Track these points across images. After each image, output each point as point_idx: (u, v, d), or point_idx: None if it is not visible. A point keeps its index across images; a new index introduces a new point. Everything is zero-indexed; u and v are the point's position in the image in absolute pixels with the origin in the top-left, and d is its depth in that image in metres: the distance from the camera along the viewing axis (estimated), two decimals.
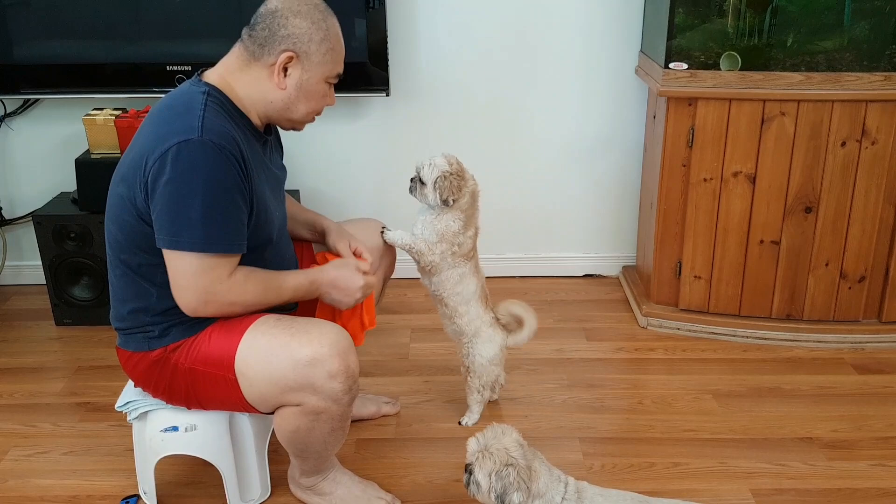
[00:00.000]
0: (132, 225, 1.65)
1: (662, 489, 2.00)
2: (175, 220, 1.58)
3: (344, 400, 1.69)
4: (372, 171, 3.01)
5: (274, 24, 1.65)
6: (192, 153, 1.56)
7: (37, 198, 2.95)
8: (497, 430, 1.64)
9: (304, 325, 1.70)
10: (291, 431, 1.75)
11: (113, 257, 1.74)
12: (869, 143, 2.46)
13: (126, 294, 1.74)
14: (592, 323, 2.84)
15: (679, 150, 2.58)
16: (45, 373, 2.56)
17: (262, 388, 1.70)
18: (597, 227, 3.12)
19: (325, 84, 1.74)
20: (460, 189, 2.03)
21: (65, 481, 2.07)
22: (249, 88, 1.70)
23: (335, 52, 1.72)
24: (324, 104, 1.78)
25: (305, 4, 1.67)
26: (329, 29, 1.69)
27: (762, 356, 2.61)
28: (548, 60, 2.88)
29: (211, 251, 1.60)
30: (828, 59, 2.46)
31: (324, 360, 1.65)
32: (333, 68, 1.73)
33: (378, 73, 2.73)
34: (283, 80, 1.69)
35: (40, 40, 2.73)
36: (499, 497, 1.58)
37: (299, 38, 1.66)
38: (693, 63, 2.49)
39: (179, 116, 1.61)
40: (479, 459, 1.60)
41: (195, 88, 1.68)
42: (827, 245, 2.58)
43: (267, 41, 1.66)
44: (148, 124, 1.68)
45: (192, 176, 1.56)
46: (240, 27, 1.72)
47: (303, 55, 1.67)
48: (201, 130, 1.57)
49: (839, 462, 2.11)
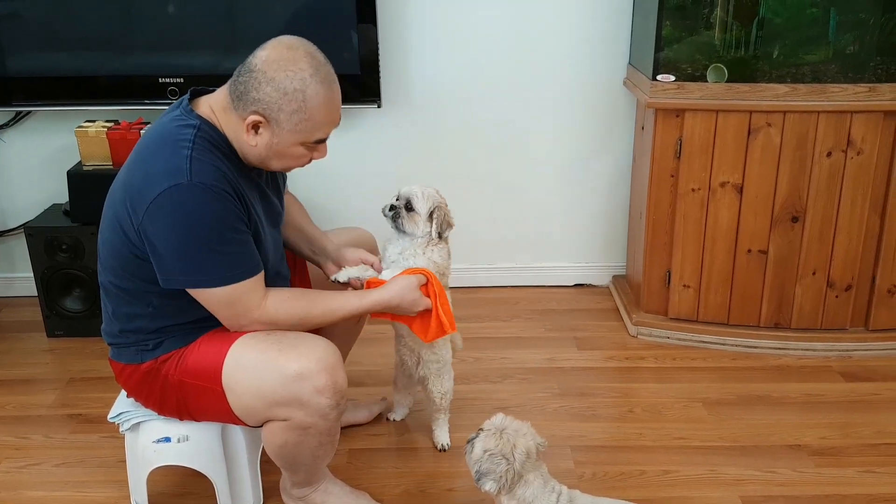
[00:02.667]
0: (125, 256, 1.66)
1: (653, 497, 2.02)
2: (187, 264, 1.60)
3: (331, 415, 1.69)
4: (363, 182, 3.02)
5: (250, 83, 1.59)
6: (183, 198, 1.55)
7: (29, 209, 2.95)
8: (524, 428, 1.67)
9: (292, 340, 1.70)
10: (279, 446, 1.75)
11: (105, 280, 1.74)
12: (854, 154, 2.49)
13: (118, 315, 1.75)
14: (583, 332, 2.86)
15: (667, 160, 2.60)
16: (37, 384, 2.55)
17: (248, 402, 1.70)
18: (587, 237, 3.14)
19: (302, 147, 1.67)
20: (451, 222, 2.03)
21: (57, 493, 2.06)
22: (231, 131, 1.66)
23: (312, 122, 1.62)
24: (305, 162, 1.71)
25: (286, 70, 1.58)
26: (307, 100, 1.59)
27: (751, 364, 2.63)
28: (537, 71, 2.90)
29: (232, 282, 1.63)
30: (813, 70, 2.49)
31: (311, 375, 1.65)
32: (310, 135, 1.65)
33: (369, 84, 2.74)
34: (252, 137, 1.63)
35: (32, 52, 2.74)
36: (477, 473, 1.64)
37: (269, 104, 1.59)
38: (680, 75, 2.52)
39: (166, 155, 1.59)
40: (490, 434, 1.65)
41: (184, 121, 1.64)
42: (814, 254, 2.61)
43: (242, 96, 1.60)
44: (137, 155, 1.66)
45: (189, 221, 1.57)
46: (231, 41, 1.72)
47: (272, 121, 1.61)
48: (190, 173, 1.55)
49: (828, 469, 2.12)
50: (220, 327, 1.74)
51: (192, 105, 1.68)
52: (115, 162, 2.67)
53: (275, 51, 1.60)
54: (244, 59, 1.64)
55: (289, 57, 1.59)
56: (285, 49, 1.61)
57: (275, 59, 1.59)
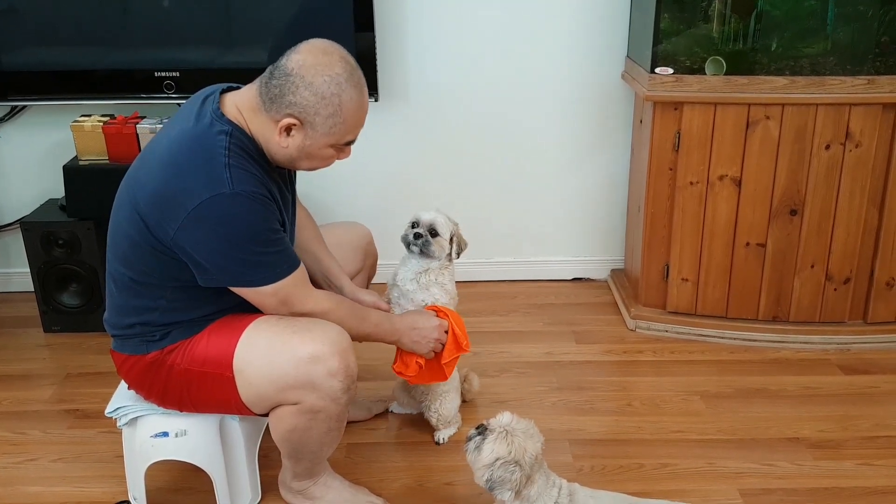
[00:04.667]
0: (145, 249, 1.65)
1: (651, 490, 2.01)
2: (234, 268, 1.63)
3: (342, 399, 1.71)
4: (361, 177, 3.01)
5: (286, 87, 1.60)
6: (226, 207, 1.57)
7: (25, 204, 2.94)
8: (533, 430, 1.64)
9: (305, 324, 1.72)
10: (288, 431, 1.75)
11: (116, 270, 1.73)
12: (853, 146, 2.49)
13: (127, 308, 1.74)
14: (581, 326, 2.85)
15: (665, 154, 2.60)
16: (34, 380, 2.55)
17: (260, 386, 1.70)
18: (585, 230, 3.14)
19: (332, 149, 1.70)
20: (465, 242, 2.11)
21: (54, 488, 2.06)
22: (259, 132, 1.67)
23: (346, 125, 1.66)
24: (330, 163, 1.75)
25: (324, 75, 1.60)
26: (343, 104, 1.62)
27: (749, 357, 2.63)
28: (535, 65, 2.90)
29: (280, 279, 1.67)
30: (811, 63, 2.48)
31: (325, 357, 1.67)
32: (342, 138, 1.68)
33: (367, 78, 2.73)
34: (284, 139, 1.64)
35: (28, 47, 2.72)
36: (489, 482, 1.59)
37: (305, 108, 1.61)
38: (679, 68, 2.51)
39: (205, 164, 1.59)
40: (500, 435, 1.60)
41: (217, 127, 1.63)
42: (812, 247, 2.60)
43: (276, 99, 1.61)
44: (168, 161, 1.62)
45: (233, 229, 1.59)
46: (228, 34, 1.72)
47: (307, 124, 1.63)
48: (231, 183, 1.57)
49: (826, 462, 2.13)
50: (227, 316, 1.74)
51: (221, 106, 1.67)
52: (111, 157, 2.66)
53: (311, 55, 1.62)
54: (240, 53, 1.64)
55: (325, 62, 1.61)
56: (321, 54, 1.62)
57: (312, 63, 1.61)
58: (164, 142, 1.67)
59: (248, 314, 1.75)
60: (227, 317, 1.75)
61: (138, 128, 2.62)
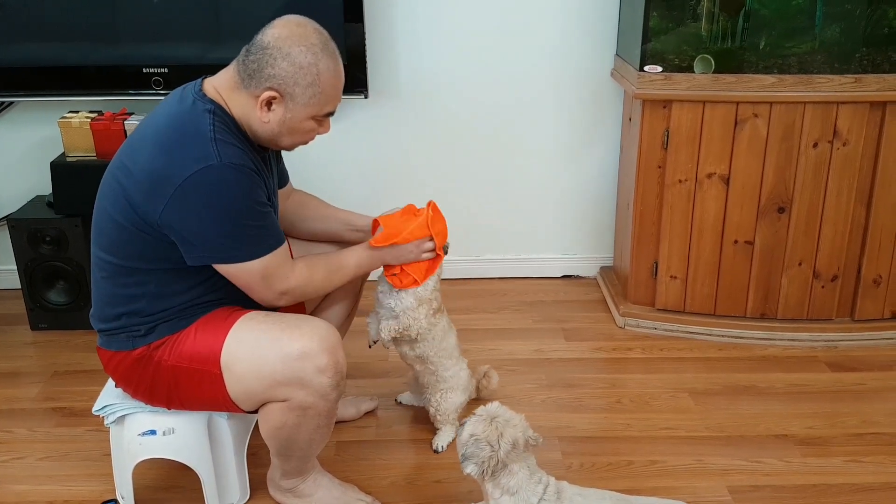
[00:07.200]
0: (131, 231, 1.65)
1: (640, 487, 2.02)
2: (222, 241, 1.63)
3: (331, 396, 1.71)
4: (351, 173, 3.01)
5: (263, 60, 1.62)
6: (215, 178, 1.58)
7: (11, 201, 2.92)
8: (516, 419, 1.68)
9: (293, 321, 1.72)
10: (277, 428, 1.75)
11: (102, 259, 1.72)
12: (840, 144, 2.50)
13: (114, 298, 1.73)
14: (571, 323, 2.86)
15: (654, 152, 2.60)
16: (21, 378, 2.53)
17: (248, 383, 1.70)
18: (574, 228, 3.14)
19: (312, 121, 1.71)
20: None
21: (41, 487, 2.05)
22: (239, 111, 1.68)
23: (325, 95, 1.68)
24: (311, 137, 1.76)
25: (300, 45, 1.63)
26: (321, 73, 1.64)
27: (737, 355, 2.64)
28: (524, 63, 2.90)
29: (265, 253, 1.67)
30: (799, 61, 2.49)
31: (314, 354, 1.66)
32: (322, 108, 1.70)
33: (356, 75, 2.73)
34: (265, 114, 1.66)
35: (14, 42, 2.70)
36: (462, 455, 1.67)
37: (284, 79, 1.63)
38: (667, 66, 2.52)
39: (192, 140, 1.60)
40: (480, 420, 1.67)
41: (200, 106, 1.65)
42: (800, 245, 2.62)
43: (255, 74, 1.63)
44: (155, 141, 1.64)
45: (223, 200, 1.59)
46: (216, 30, 1.72)
47: (287, 96, 1.64)
48: (219, 156, 1.58)
49: (814, 458, 2.14)
50: (214, 312, 1.74)
51: (202, 88, 1.70)
52: (99, 153, 2.65)
53: (285, 28, 1.65)
54: (229, 49, 1.64)
55: (300, 33, 1.65)
56: (295, 25, 1.66)
57: (287, 35, 1.64)
58: (149, 128, 1.69)
59: (237, 310, 1.75)
60: (215, 311, 1.74)
61: (126, 124, 2.61)
